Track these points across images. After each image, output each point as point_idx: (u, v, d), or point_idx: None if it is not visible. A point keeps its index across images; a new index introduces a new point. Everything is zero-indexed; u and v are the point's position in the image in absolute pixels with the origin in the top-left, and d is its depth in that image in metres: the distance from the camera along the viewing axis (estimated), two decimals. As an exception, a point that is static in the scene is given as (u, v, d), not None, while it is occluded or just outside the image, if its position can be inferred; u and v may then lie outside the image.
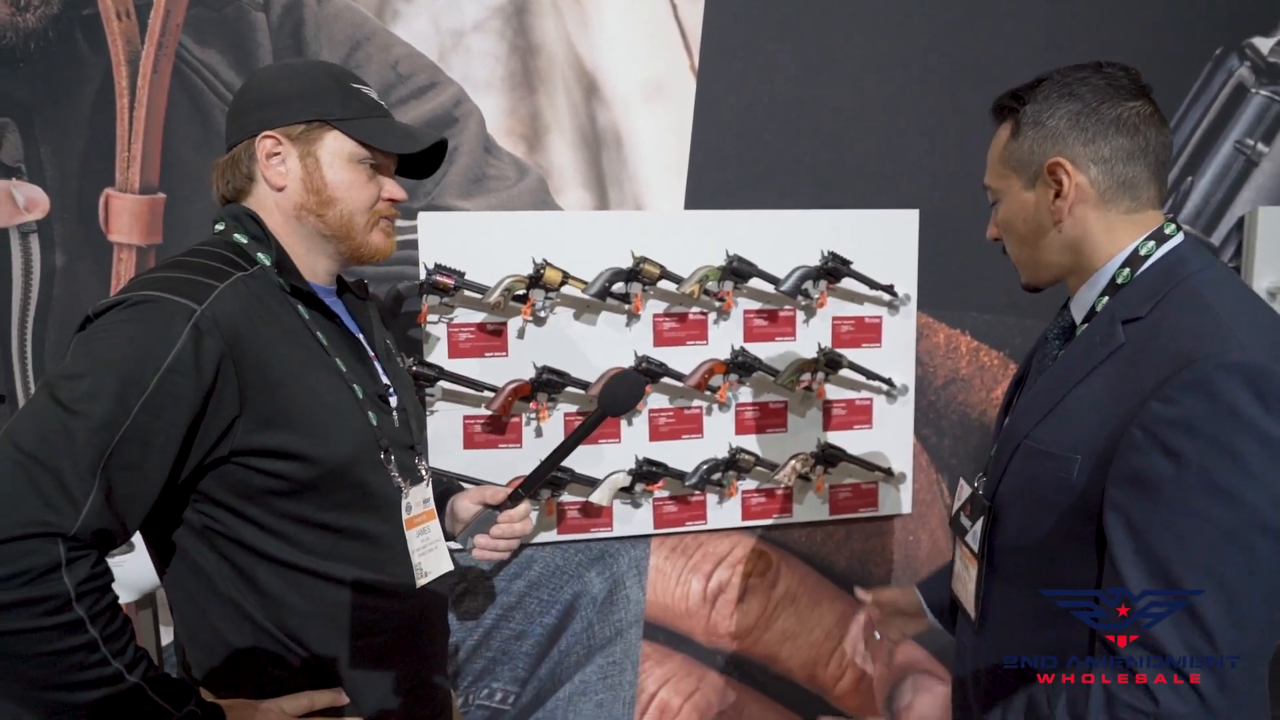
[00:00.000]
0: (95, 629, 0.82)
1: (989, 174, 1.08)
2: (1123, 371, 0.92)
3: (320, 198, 1.04)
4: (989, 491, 1.08)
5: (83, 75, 1.53)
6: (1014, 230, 1.05)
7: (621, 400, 1.22)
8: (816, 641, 1.98)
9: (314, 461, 0.97)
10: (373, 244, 1.09)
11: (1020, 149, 1.02)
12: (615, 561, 1.86)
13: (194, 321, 0.89)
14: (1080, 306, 1.04)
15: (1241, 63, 2.01)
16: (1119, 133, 0.97)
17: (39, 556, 0.79)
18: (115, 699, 0.84)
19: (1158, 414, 0.84)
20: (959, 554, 1.17)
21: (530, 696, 1.84)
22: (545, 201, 1.73)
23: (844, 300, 1.86)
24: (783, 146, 1.82)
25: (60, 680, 0.81)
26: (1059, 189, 0.99)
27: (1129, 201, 0.99)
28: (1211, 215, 2.04)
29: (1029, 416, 1.02)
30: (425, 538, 1.11)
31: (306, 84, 1.05)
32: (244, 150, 1.04)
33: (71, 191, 1.54)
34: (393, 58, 1.64)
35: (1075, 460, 0.93)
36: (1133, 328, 0.94)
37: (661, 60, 1.76)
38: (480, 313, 1.68)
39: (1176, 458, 0.83)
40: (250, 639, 0.99)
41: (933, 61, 1.86)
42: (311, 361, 1.00)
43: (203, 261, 0.97)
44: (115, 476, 0.83)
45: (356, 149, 1.05)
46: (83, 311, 1.55)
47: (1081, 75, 1.00)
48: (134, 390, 0.85)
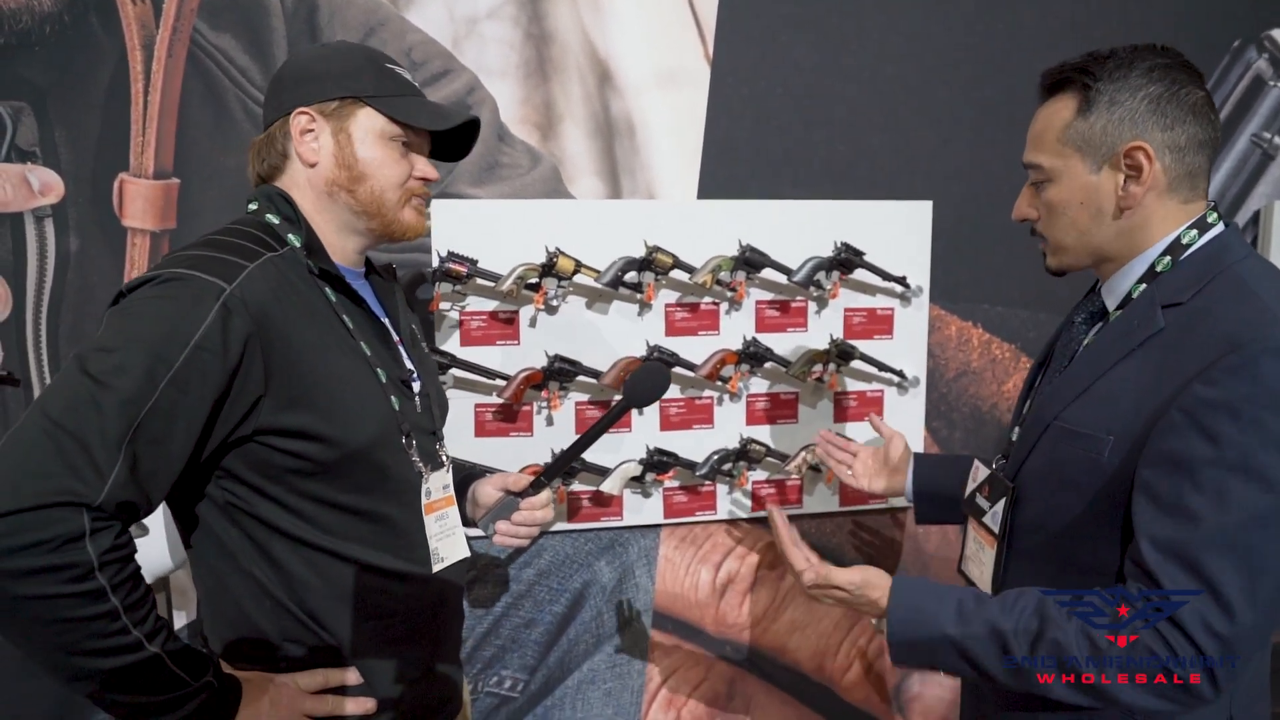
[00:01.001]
0: (116, 598, 0.84)
1: (1039, 150, 1.02)
2: (1163, 355, 0.91)
3: (351, 173, 1.05)
4: (1011, 472, 1.08)
5: (97, 59, 1.52)
6: (1066, 213, 1.00)
7: (647, 392, 1.22)
8: (825, 632, 1.98)
9: (335, 443, 0.98)
10: (404, 221, 1.10)
11: (1091, 128, 0.96)
12: (625, 551, 1.86)
13: (223, 300, 0.90)
14: (1114, 292, 1.02)
15: (1260, 55, 1.99)
16: (1194, 120, 0.94)
17: (64, 525, 0.80)
18: (134, 667, 0.86)
19: (1199, 396, 0.84)
20: (973, 535, 1.17)
21: (539, 684, 1.85)
22: (558, 190, 1.73)
23: (856, 291, 1.85)
24: (797, 137, 1.81)
25: (81, 646, 0.83)
26: (1135, 175, 0.95)
27: (1188, 191, 0.97)
28: (1228, 209, 2.03)
29: (1060, 398, 1.01)
30: (443, 523, 1.12)
31: (341, 63, 1.06)
32: (279, 128, 1.06)
33: (86, 176, 1.54)
34: (406, 44, 1.64)
35: (1107, 441, 0.92)
36: (1173, 313, 0.93)
37: (676, 49, 1.75)
38: (492, 301, 1.68)
39: (1215, 439, 0.83)
40: (269, 614, 1.00)
41: (948, 53, 1.85)
42: (336, 344, 1.01)
43: (234, 240, 0.98)
44: (141, 450, 0.85)
45: (388, 126, 1.06)
46: (97, 296, 1.56)
47: (1155, 56, 0.95)
48: (162, 366, 0.86)
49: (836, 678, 2.01)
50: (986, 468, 1.16)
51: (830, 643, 1.99)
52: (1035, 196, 1.04)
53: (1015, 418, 1.17)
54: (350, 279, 1.07)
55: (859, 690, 2.02)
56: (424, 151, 1.13)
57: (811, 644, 1.98)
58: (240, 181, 1.59)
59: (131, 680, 0.86)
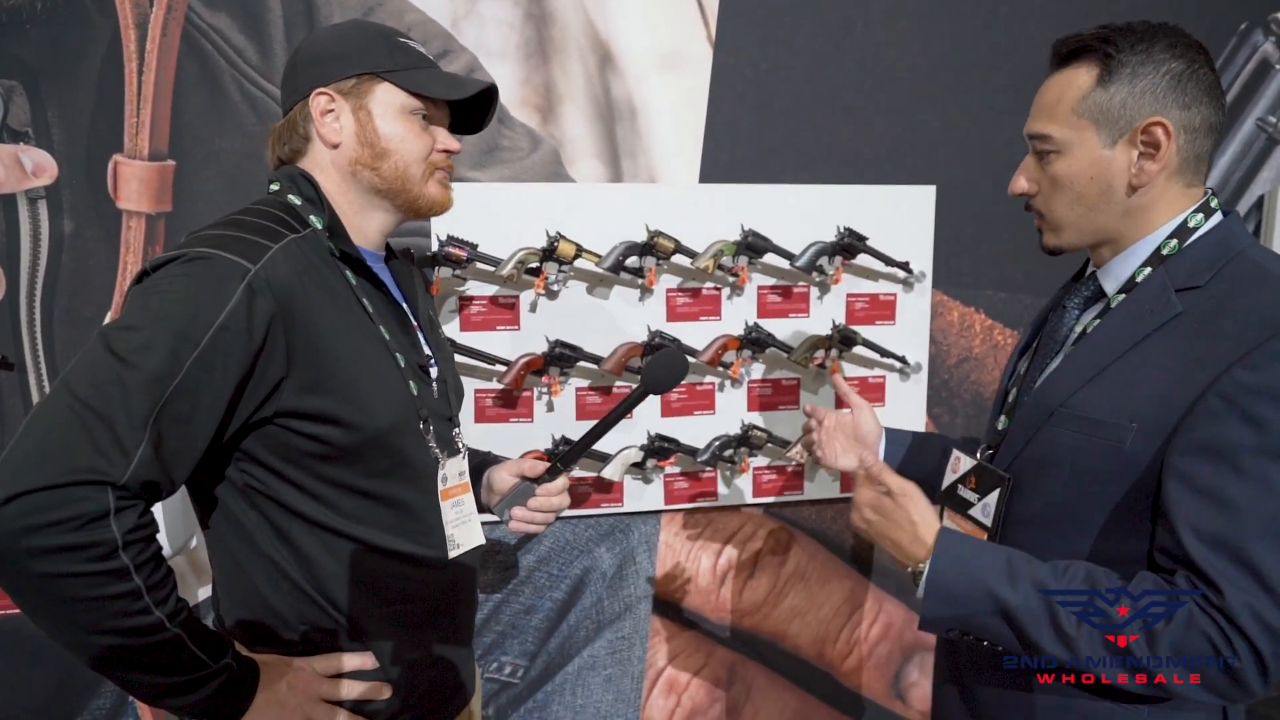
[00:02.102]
0: (139, 577, 0.84)
1: (1049, 120, 0.97)
2: (1187, 340, 0.89)
3: (374, 150, 1.05)
4: (1004, 463, 1.05)
5: (90, 38, 1.50)
6: (1073, 187, 0.97)
7: (665, 379, 1.21)
8: (825, 618, 1.98)
9: (354, 428, 0.98)
10: (429, 195, 1.10)
11: (1110, 100, 0.93)
12: (625, 537, 1.85)
13: (247, 281, 0.89)
14: (1114, 276, 1.00)
15: (1267, 38, 1.97)
16: (1209, 102, 0.92)
17: (89, 503, 0.80)
18: (155, 647, 0.86)
19: (1241, 381, 0.82)
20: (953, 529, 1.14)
21: (539, 670, 1.85)
22: (558, 173, 1.71)
23: (859, 277, 1.84)
24: (799, 120, 1.79)
25: (103, 625, 0.83)
26: (1152, 152, 0.92)
27: (1193, 175, 0.95)
28: (1232, 193, 2.02)
29: (1065, 385, 0.98)
30: (459, 510, 1.12)
31: (354, 40, 1.05)
32: (299, 112, 1.05)
33: (79, 157, 1.52)
34: (405, 24, 1.61)
35: (1130, 428, 0.89)
36: (1190, 296, 0.91)
37: (678, 31, 1.73)
38: (493, 285, 1.66)
39: (1258, 425, 0.81)
40: (286, 597, 1.00)
41: (952, 37, 1.83)
42: (357, 328, 1.01)
43: (258, 221, 0.97)
44: (165, 429, 0.85)
45: (408, 100, 1.06)
46: (92, 279, 1.54)
47: (1174, 35, 0.93)
48: (187, 345, 0.86)
49: (836, 664, 2.01)
50: (970, 458, 1.11)
51: (830, 629, 1.99)
52: (1038, 170, 1.00)
53: (999, 406, 1.13)
54: (370, 262, 1.06)
55: (859, 676, 2.02)
56: (444, 124, 1.13)
57: (812, 630, 1.98)
58: (237, 163, 1.57)
59: (152, 660, 0.87)
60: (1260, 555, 0.80)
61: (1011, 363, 1.16)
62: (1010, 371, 1.15)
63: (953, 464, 1.16)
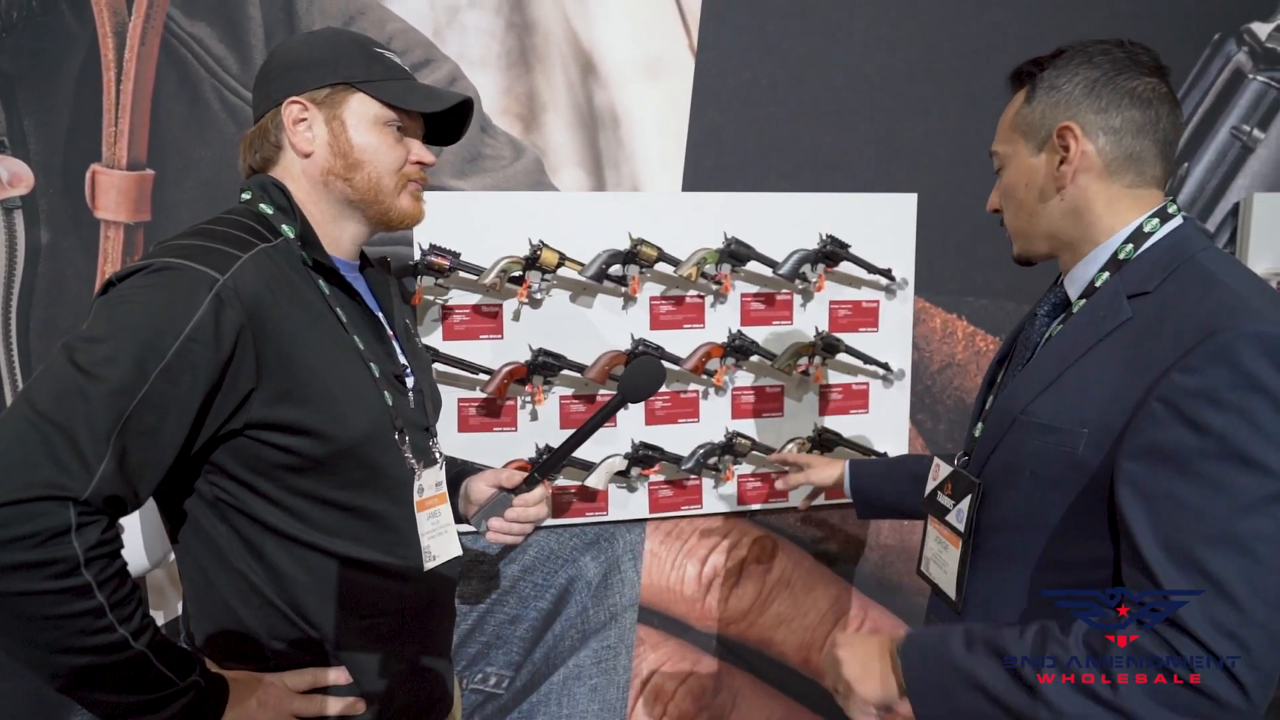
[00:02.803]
0: (102, 595, 0.82)
1: (997, 140, 1.07)
2: (1133, 345, 0.91)
3: (347, 161, 1.04)
4: (976, 469, 1.07)
5: (67, 46, 1.48)
6: (1015, 195, 1.04)
7: (642, 387, 1.20)
8: (811, 625, 1.98)
9: (327, 439, 0.96)
10: (401, 207, 1.09)
11: (1032, 113, 1.01)
12: (610, 546, 1.85)
13: (215, 291, 0.88)
14: (1077, 282, 1.02)
15: (1239, 48, 2.00)
16: (1132, 104, 0.96)
17: (49, 519, 0.78)
18: (119, 665, 0.84)
19: (1180, 385, 0.83)
20: (935, 535, 1.16)
21: (524, 681, 1.83)
22: (541, 182, 1.71)
23: (841, 284, 1.85)
24: (782, 128, 1.80)
25: (65, 644, 0.81)
26: (1065, 154, 0.98)
27: (1133, 175, 0.98)
28: (1207, 201, 2.05)
29: (1026, 391, 1.00)
30: (436, 521, 1.11)
31: (329, 49, 1.04)
32: (271, 119, 1.04)
33: (56, 167, 1.51)
34: (387, 33, 1.61)
35: (1082, 434, 0.91)
36: (1140, 302, 0.93)
37: (660, 39, 1.74)
38: (475, 294, 1.66)
39: (1199, 428, 0.82)
40: (258, 612, 0.99)
41: (933, 45, 1.85)
42: (330, 338, 0.99)
43: (227, 230, 0.96)
44: (130, 443, 0.83)
45: (382, 111, 1.05)
46: (69, 289, 1.52)
47: (1103, 46, 0.99)
48: (153, 356, 0.84)
49: (823, 671, 2.01)
50: (948, 465, 1.14)
51: (816, 636, 1.99)
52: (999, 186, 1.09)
53: (976, 414, 1.15)
54: (344, 271, 1.05)
55: (845, 683, 2.02)
56: (418, 135, 1.12)
57: (797, 637, 1.98)
58: (217, 173, 1.56)
59: (117, 679, 0.85)
60: (1211, 558, 0.80)
61: (990, 371, 1.18)
62: (989, 380, 1.17)
63: (933, 471, 1.19)
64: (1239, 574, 0.79)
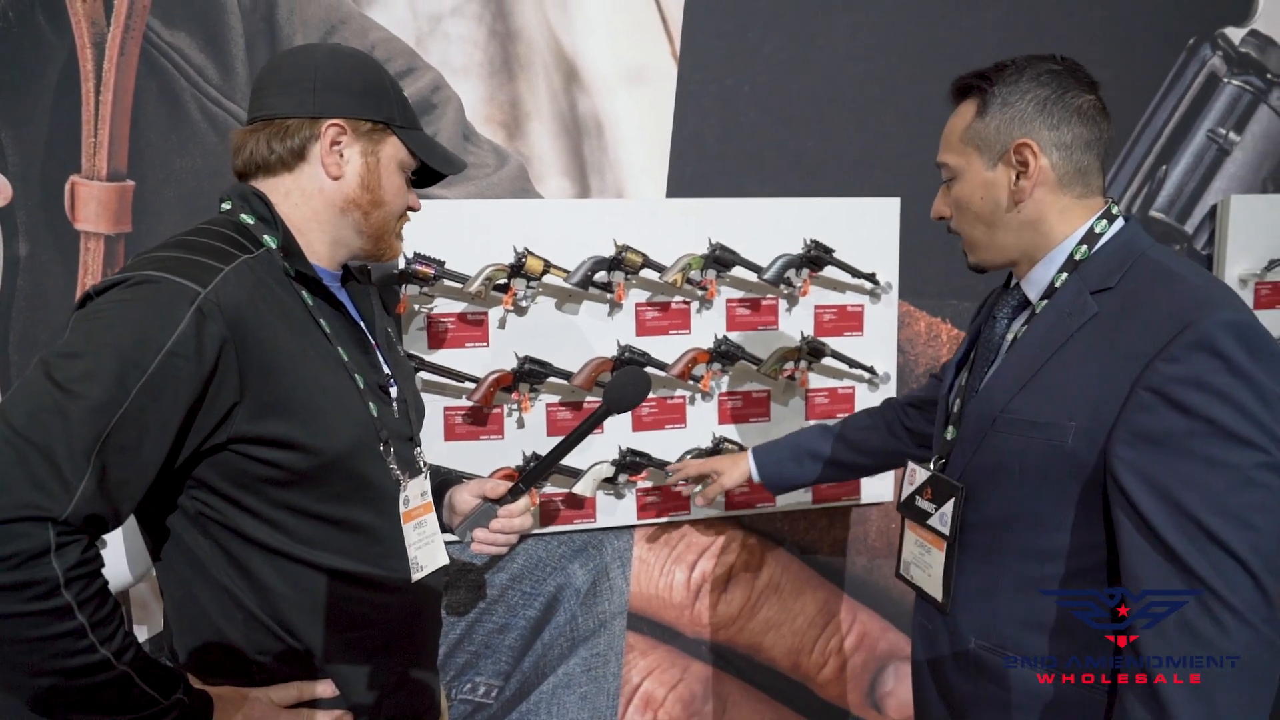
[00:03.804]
0: (83, 615, 0.80)
1: (946, 151, 1.10)
2: (1107, 338, 0.96)
3: (373, 197, 1.07)
4: (956, 472, 1.10)
5: (45, 57, 1.47)
6: (970, 209, 1.08)
7: (628, 397, 1.20)
8: (800, 630, 1.99)
9: (312, 451, 0.95)
10: (394, 249, 1.14)
11: (986, 128, 1.04)
12: (599, 553, 1.84)
13: (197, 305, 0.87)
14: (1036, 284, 1.07)
15: (1214, 52, 2.03)
16: (1080, 121, 1.02)
17: (28, 540, 0.77)
18: (101, 686, 0.82)
19: (1165, 373, 0.89)
20: (915, 540, 1.19)
21: (514, 690, 1.83)
22: (526, 189, 1.71)
23: (826, 289, 1.86)
24: (765, 134, 1.81)
25: (46, 666, 0.79)
26: (1024, 170, 1.02)
27: (1081, 187, 1.04)
28: (1185, 204, 2.07)
29: (1003, 392, 1.04)
30: (422, 531, 1.10)
31: (373, 81, 1.07)
32: (304, 128, 1.02)
33: (35, 178, 1.49)
34: (369, 42, 1.61)
35: (1070, 426, 0.96)
36: (1103, 298, 0.98)
37: (642, 46, 1.74)
38: (460, 302, 1.65)
39: (1186, 411, 0.88)
40: (242, 627, 0.98)
41: (914, 50, 1.86)
42: (313, 349, 0.99)
43: (207, 242, 0.95)
44: (110, 460, 0.81)
45: (407, 159, 1.09)
46: (50, 302, 1.51)
47: (1045, 64, 1.04)
48: (133, 372, 0.83)
49: (812, 675, 2.01)
50: (924, 470, 1.17)
51: (805, 640, 1.99)
52: (947, 195, 1.12)
53: (943, 418, 1.18)
54: (327, 281, 1.05)
55: (834, 687, 2.03)
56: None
57: (786, 642, 1.98)
58: (198, 183, 1.55)
59: (99, 700, 0.83)
60: (1222, 529, 0.86)
61: (949, 375, 1.22)
62: (950, 384, 1.21)
63: (909, 476, 1.21)
64: (1246, 543, 0.85)
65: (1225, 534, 0.86)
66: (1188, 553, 0.87)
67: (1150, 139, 2.03)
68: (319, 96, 1.02)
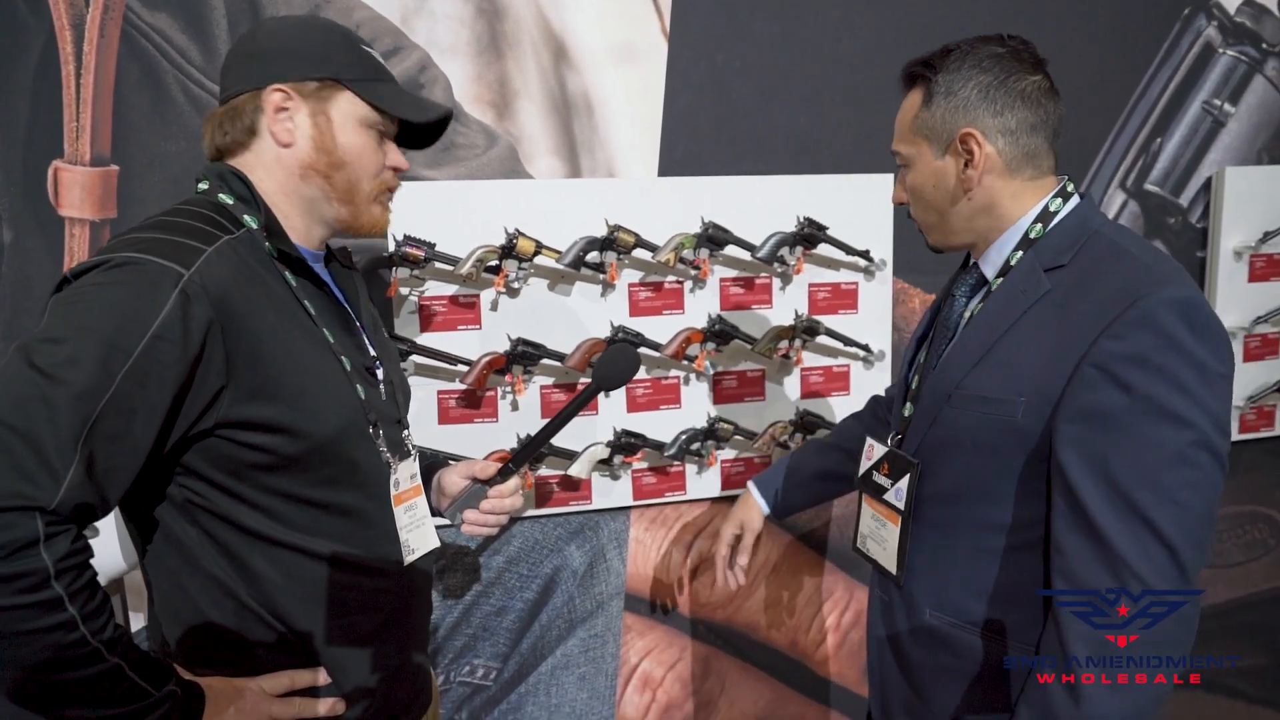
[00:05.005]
0: (74, 607, 0.79)
1: (899, 140, 1.11)
2: (1057, 314, 0.97)
3: (330, 159, 1.01)
4: (911, 447, 1.12)
5: (24, 41, 1.45)
6: (923, 196, 1.09)
7: (617, 374, 1.19)
8: (797, 608, 1.99)
9: (301, 435, 0.94)
10: (373, 215, 1.07)
11: (932, 117, 1.05)
12: (595, 534, 1.84)
13: (181, 287, 0.85)
14: (992, 263, 1.08)
15: (1209, 22, 2.01)
16: (1024, 105, 1.02)
17: (17, 531, 0.75)
18: (92, 680, 0.81)
19: (1109, 350, 0.90)
20: (871, 513, 1.21)
21: (512, 671, 1.83)
22: (516, 170, 1.69)
23: (820, 266, 1.85)
24: (757, 111, 1.79)
25: (36, 660, 0.78)
26: (970, 158, 1.03)
27: (1031, 170, 1.04)
28: (1180, 177, 2.06)
29: (958, 368, 1.05)
30: (412, 514, 1.09)
31: (319, 40, 1.01)
32: (248, 102, 0.99)
33: (16, 164, 1.47)
34: (354, 21, 1.58)
35: (1020, 402, 0.97)
36: (1056, 275, 1.00)
37: (632, 23, 1.72)
38: (452, 285, 1.64)
39: (1127, 388, 0.89)
40: (232, 616, 0.96)
41: (907, 24, 1.84)
42: (299, 331, 0.97)
43: (187, 223, 0.92)
44: (98, 447, 0.80)
45: (369, 113, 1.03)
46: (35, 290, 1.49)
47: (988, 48, 1.03)
48: (118, 356, 0.81)
49: (809, 653, 2.02)
50: (882, 445, 1.18)
51: (802, 618, 2.00)
52: (904, 181, 1.13)
53: (902, 394, 1.20)
54: (311, 262, 1.03)
55: (832, 664, 2.04)
56: (394, 139, 1.10)
57: (784, 620, 1.99)
58: (184, 167, 1.53)
59: (90, 694, 0.82)
60: (1149, 506, 0.87)
61: (910, 352, 1.23)
62: (909, 360, 1.22)
63: (867, 451, 1.23)
64: (1168, 517, 0.87)
65: (1151, 510, 0.87)
66: (1110, 527, 0.88)
67: (1144, 111, 2.02)
68: (260, 67, 0.99)
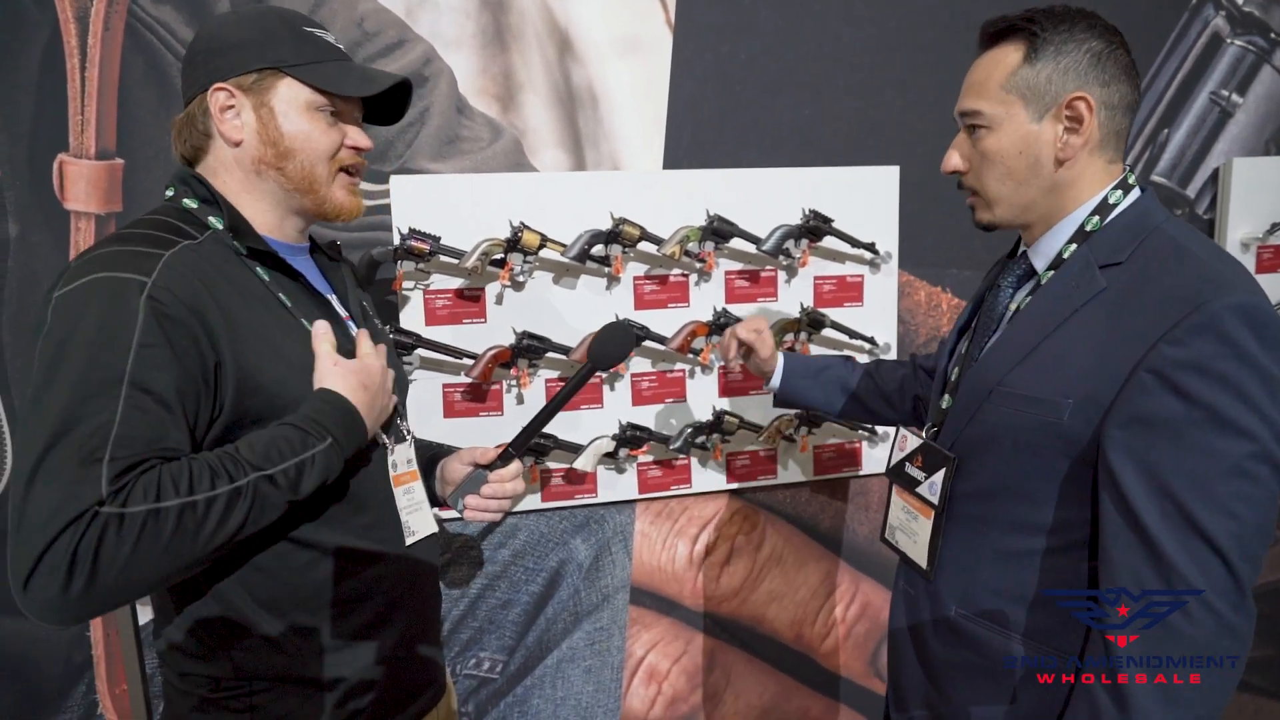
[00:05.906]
0: (174, 497, 0.83)
1: (980, 97, 1.00)
2: (1113, 315, 0.92)
3: (278, 150, 1.00)
4: (948, 441, 1.08)
5: (28, 34, 1.45)
6: (1003, 162, 1.00)
7: (611, 353, 1.19)
8: (802, 601, 1.99)
9: None
10: (336, 200, 1.05)
11: (1036, 76, 0.96)
12: (600, 528, 1.84)
13: (147, 294, 0.86)
14: (1043, 254, 1.03)
15: (1217, 12, 2.00)
16: (1126, 81, 0.96)
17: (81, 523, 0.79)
18: (256, 502, 0.87)
19: (1169, 356, 0.85)
20: (902, 505, 1.17)
21: (518, 664, 1.83)
22: (520, 163, 1.69)
23: (825, 259, 1.84)
24: (762, 103, 1.79)
25: (202, 536, 0.84)
26: (1076, 126, 0.95)
27: (1113, 152, 0.98)
28: (1187, 167, 2.05)
29: (1001, 363, 1.00)
30: (410, 497, 1.10)
31: (256, 30, 1.00)
32: (198, 106, 1.00)
33: (21, 158, 1.47)
34: (358, 14, 1.58)
35: (1066, 404, 0.92)
36: (1112, 273, 0.94)
37: (636, 15, 1.71)
38: (457, 278, 1.64)
39: (1186, 397, 0.84)
40: (236, 609, 0.97)
41: (913, 16, 1.83)
42: (275, 324, 0.97)
43: (146, 232, 0.93)
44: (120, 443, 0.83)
45: (313, 96, 1.01)
46: (41, 283, 1.49)
47: (1092, 17, 0.96)
48: (113, 379, 0.83)
49: (815, 645, 2.02)
50: (916, 436, 1.14)
51: (808, 611, 2.00)
52: (969, 147, 1.03)
53: (940, 385, 1.15)
54: (287, 255, 1.03)
55: (837, 657, 2.04)
56: (355, 119, 1.08)
57: (789, 613, 1.99)
58: (188, 160, 1.52)
59: (265, 507, 0.88)
60: (1206, 520, 0.84)
61: (950, 342, 1.18)
62: (950, 350, 1.17)
63: (900, 442, 1.18)
64: (1227, 532, 0.83)
65: (1207, 522, 0.83)
66: (1165, 538, 0.85)
67: (1152, 101, 2.01)
68: (201, 69, 0.99)
